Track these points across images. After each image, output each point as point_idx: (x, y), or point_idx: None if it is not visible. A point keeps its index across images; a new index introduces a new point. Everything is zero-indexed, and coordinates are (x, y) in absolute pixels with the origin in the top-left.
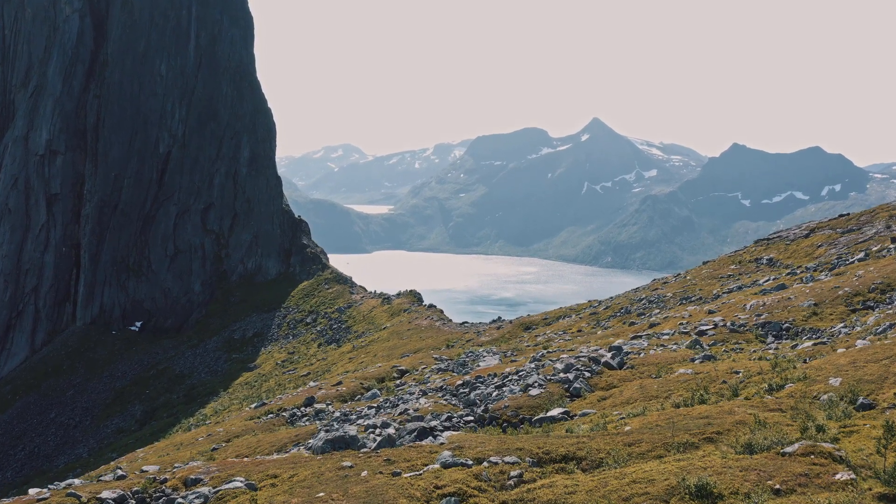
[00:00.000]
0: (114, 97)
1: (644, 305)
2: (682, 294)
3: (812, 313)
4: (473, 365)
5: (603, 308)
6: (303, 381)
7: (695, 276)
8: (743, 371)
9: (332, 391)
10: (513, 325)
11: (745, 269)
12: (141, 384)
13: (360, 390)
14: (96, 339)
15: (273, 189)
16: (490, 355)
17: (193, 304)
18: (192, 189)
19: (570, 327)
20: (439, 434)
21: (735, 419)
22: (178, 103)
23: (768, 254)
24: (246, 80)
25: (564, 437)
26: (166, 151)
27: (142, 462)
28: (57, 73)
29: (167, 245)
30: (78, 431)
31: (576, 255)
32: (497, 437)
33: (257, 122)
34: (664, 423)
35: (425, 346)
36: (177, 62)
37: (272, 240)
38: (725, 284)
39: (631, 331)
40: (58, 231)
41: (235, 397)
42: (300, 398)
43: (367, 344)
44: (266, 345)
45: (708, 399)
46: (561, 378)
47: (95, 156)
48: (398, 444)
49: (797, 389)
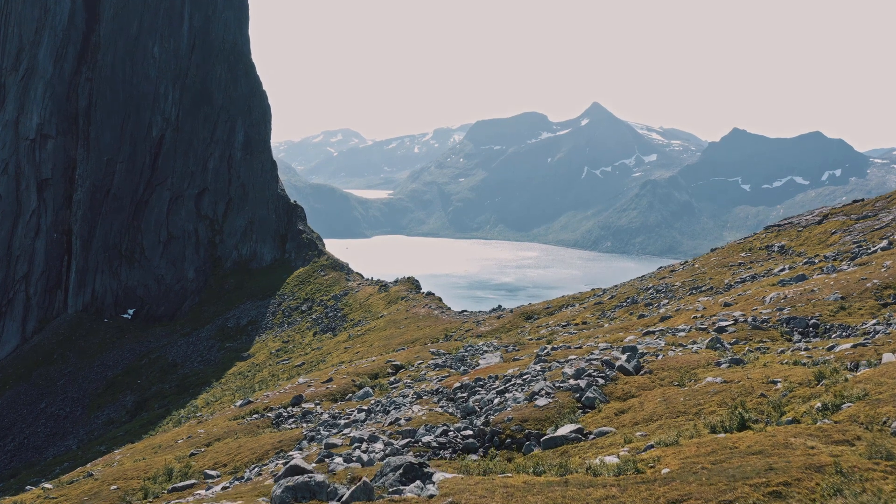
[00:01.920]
0: (106, 80)
1: (651, 295)
2: (692, 283)
3: (839, 307)
4: (473, 361)
5: (608, 297)
6: (297, 371)
7: (703, 264)
8: (782, 381)
9: (322, 389)
10: (513, 315)
11: (756, 256)
12: (133, 373)
13: (352, 388)
14: (88, 327)
15: (268, 173)
16: (490, 351)
17: (187, 291)
18: (186, 173)
19: (573, 318)
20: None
21: (802, 460)
22: (171, 86)
23: (779, 241)
24: (240, 63)
25: (588, 488)
26: (159, 135)
27: (118, 466)
28: (48, 56)
29: (160, 231)
30: (68, 422)
31: (575, 240)
32: (502, 488)
33: (252, 105)
34: (710, 464)
35: (423, 337)
36: (170, 44)
37: (267, 225)
38: (737, 273)
39: (640, 324)
40: (49, 217)
41: (228, 388)
42: (288, 396)
43: (363, 333)
44: (260, 333)
45: (749, 419)
46: (571, 385)
47: (87, 140)
48: (377, 497)
49: (860, 412)
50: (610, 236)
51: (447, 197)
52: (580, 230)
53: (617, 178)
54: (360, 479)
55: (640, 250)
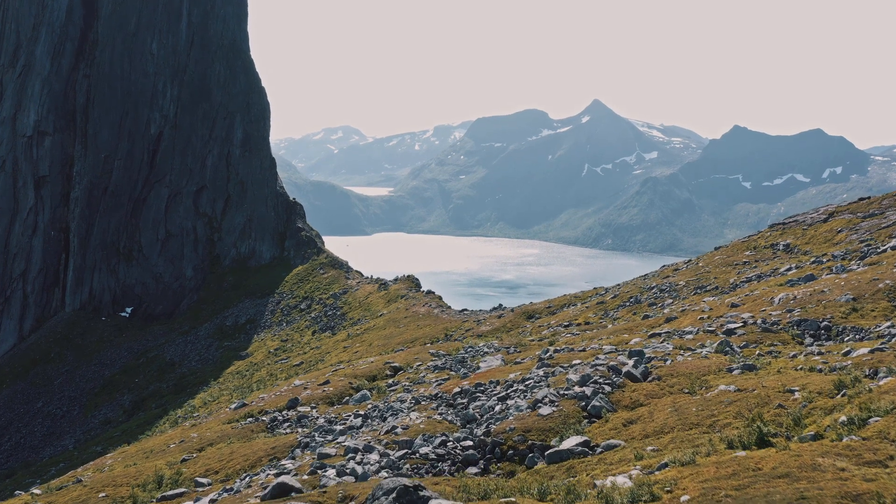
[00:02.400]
0: (104, 77)
1: (655, 294)
2: (696, 283)
3: (851, 309)
4: (473, 363)
5: (610, 297)
6: (295, 371)
7: (707, 263)
8: (799, 390)
9: (319, 392)
10: (514, 314)
11: (762, 255)
12: (130, 372)
13: (349, 391)
14: (85, 326)
15: (267, 171)
16: (491, 353)
17: (185, 289)
18: (185, 171)
19: (575, 317)
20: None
21: (835, 486)
22: (169, 83)
23: (784, 239)
24: (239, 59)
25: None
26: (157, 132)
27: (108, 472)
28: (45, 53)
29: (158, 229)
30: (65, 422)
31: (576, 238)
32: None
33: (251, 102)
34: (733, 489)
35: (422, 336)
36: (168, 40)
37: (266, 223)
38: (742, 273)
39: (645, 325)
40: (46, 214)
41: (225, 388)
42: (283, 399)
43: (362, 332)
44: (259, 332)
45: (768, 434)
46: (576, 393)
47: (85, 137)
48: None
49: (889, 428)
50: (611, 234)
51: (448, 194)
52: (581, 227)
53: (617, 175)
54: (352, 498)
55: (641, 248)
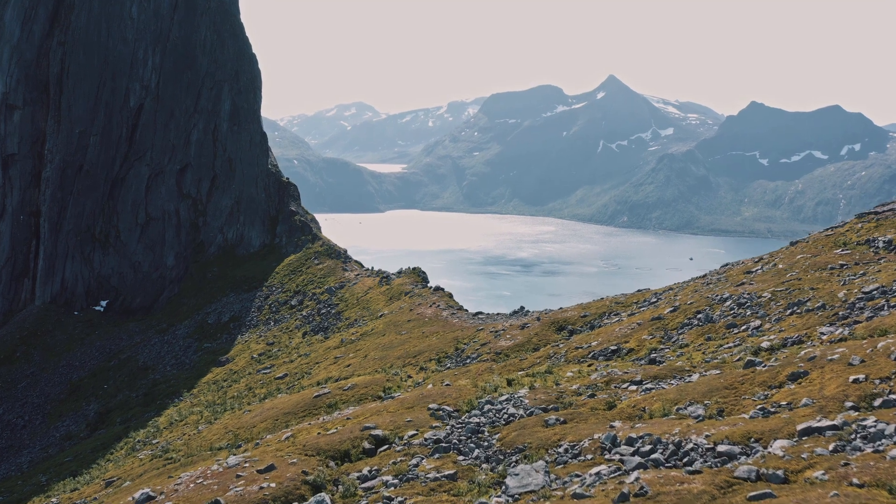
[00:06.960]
0: (79, 44)
1: (732, 310)
2: (787, 295)
3: None
4: (492, 435)
5: (667, 309)
6: (276, 385)
7: (789, 264)
8: None
9: (253, 489)
10: (541, 325)
11: (860, 255)
12: (100, 377)
13: (300, 489)
14: (55, 321)
15: (257, 146)
16: (520, 413)
17: (165, 280)
18: (167, 147)
19: (624, 338)
20: None
21: None
22: (150, 50)
23: (883, 234)
24: (227, 23)
25: None
26: (137, 105)
27: None
28: (15, 18)
29: (138, 212)
30: (26, 433)
31: (591, 215)
32: None
33: (240, 70)
34: None
35: (427, 349)
36: (150, 3)
37: (256, 206)
38: (850, 282)
39: (756, 380)
40: (15, 196)
41: (198, 403)
42: (204, 495)
43: (358, 337)
44: (243, 332)
45: None
46: None
47: (58, 110)
48: None
49: None
50: (626, 211)
51: (461, 171)
52: (596, 205)
53: (633, 152)
54: None
55: (657, 225)
